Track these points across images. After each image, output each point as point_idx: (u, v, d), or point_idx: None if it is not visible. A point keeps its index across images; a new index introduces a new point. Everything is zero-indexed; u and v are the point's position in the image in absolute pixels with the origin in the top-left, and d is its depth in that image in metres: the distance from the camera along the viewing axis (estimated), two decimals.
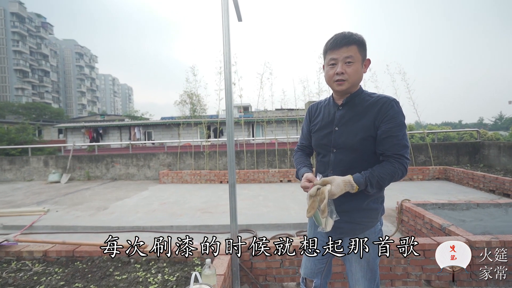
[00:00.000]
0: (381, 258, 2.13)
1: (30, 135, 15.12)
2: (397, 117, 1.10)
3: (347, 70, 1.11)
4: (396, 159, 1.08)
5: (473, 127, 42.04)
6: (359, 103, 1.17)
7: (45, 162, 8.94)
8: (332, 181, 1.06)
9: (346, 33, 1.11)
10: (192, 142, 8.66)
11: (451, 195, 5.14)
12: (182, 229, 3.73)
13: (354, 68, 1.11)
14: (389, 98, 1.13)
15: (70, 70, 75.05)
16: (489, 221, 2.94)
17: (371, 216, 1.21)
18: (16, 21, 54.90)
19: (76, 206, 5.18)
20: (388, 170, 1.08)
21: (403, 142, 1.10)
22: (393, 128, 1.09)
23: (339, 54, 1.11)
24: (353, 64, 1.11)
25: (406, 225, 3.27)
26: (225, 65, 1.98)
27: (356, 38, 1.10)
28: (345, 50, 1.10)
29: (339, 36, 1.11)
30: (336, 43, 1.11)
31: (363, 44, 1.12)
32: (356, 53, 1.10)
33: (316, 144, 1.30)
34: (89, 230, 3.83)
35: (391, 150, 1.09)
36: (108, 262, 2.26)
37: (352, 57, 1.10)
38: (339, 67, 1.11)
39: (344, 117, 1.18)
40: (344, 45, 1.09)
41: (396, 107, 1.11)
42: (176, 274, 2.02)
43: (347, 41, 1.09)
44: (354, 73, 1.12)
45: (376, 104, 1.13)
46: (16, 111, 37.14)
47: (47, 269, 2.19)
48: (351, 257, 1.23)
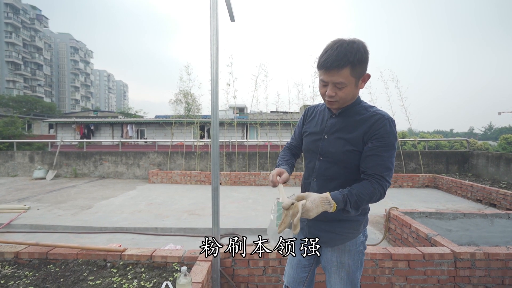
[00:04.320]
0: (365, 268, 2.11)
1: (19, 129, 14.77)
2: (387, 137, 1.03)
3: (338, 93, 1.03)
4: (376, 179, 1.02)
5: (463, 136, 42.89)
6: (353, 115, 1.11)
7: (30, 158, 8.69)
8: (308, 196, 1.00)
9: (339, 53, 0.96)
10: (184, 142, 8.54)
11: (439, 204, 5.16)
12: (167, 231, 3.63)
13: (346, 91, 1.03)
14: (384, 116, 1.05)
15: (64, 64, 73.82)
16: (474, 231, 2.94)
17: (353, 228, 1.16)
18: (10, 12, 53.78)
19: (59, 204, 5.03)
20: (367, 190, 1.01)
21: (387, 164, 1.03)
22: (380, 147, 1.02)
23: (329, 77, 1.00)
24: (345, 87, 1.01)
25: (393, 233, 3.25)
26: (212, 65, 1.92)
27: (350, 60, 0.96)
28: (335, 73, 0.98)
29: (330, 57, 0.97)
30: (326, 65, 0.98)
31: (360, 62, 0.98)
32: (348, 77, 0.99)
33: (305, 148, 1.27)
34: (70, 230, 3.70)
35: (373, 169, 1.03)
36: (83, 265, 2.16)
37: (343, 82, 1.00)
38: (329, 89, 1.03)
39: (335, 126, 1.14)
40: (334, 68, 0.97)
41: (388, 127, 1.03)
42: (153, 280, 1.94)
43: (338, 64, 0.96)
44: (347, 95, 1.04)
45: (369, 120, 1.06)
46: (6, 104, 36.21)
47: (17, 272, 2.08)
48: (330, 268, 1.20)
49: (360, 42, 0.99)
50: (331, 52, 0.98)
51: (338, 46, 0.97)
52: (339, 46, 0.97)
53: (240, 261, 2.16)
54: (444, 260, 2.06)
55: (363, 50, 0.99)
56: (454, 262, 2.07)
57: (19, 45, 55.36)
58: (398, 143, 8.31)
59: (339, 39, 1.01)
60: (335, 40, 1.01)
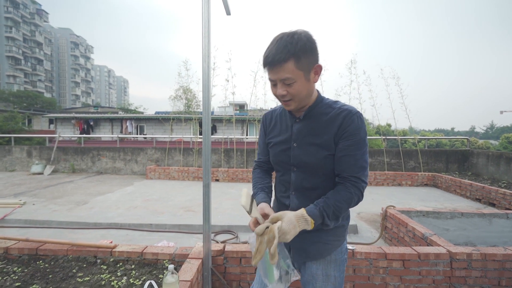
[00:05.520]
0: (359, 267, 2.07)
1: (19, 124, 14.73)
2: (357, 133, 0.95)
3: (289, 91, 0.93)
4: (352, 182, 0.95)
5: (465, 135, 42.75)
6: (319, 116, 1.01)
7: (28, 153, 8.67)
8: (283, 216, 0.89)
9: (279, 47, 0.87)
10: (183, 138, 8.49)
11: (438, 202, 5.12)
12: (162, 228, 3.60)
13: (297, 87, 0.92)
14: (351, 111, 0.97)
15: (65, 59, 73.60)
16: (472, 231, 2.90)
17: (339, 234, 1.06)
18: (10, 7, 53.49)
19: (55, 199, 5.00)
20: (343, 196, 0.94)
21: (361, 163, 0.96)
22: (351, 146, 0.95)
23: (274, 75, 0.92)
24: (294, 83, 0.91)
25: (389, 232, 3.21)
26: (204, 59, 1.87)
27: (291, 52, 0.86)
28: (279, 70, 0.89)
29: (271, 53, 0.89)
30: (268, 61, 0.90)
31: (304, 53, 0.88)
32: (293, 71, 0.89)
33: (273, 160, 1.13)
34: (64, 225, 3.68)
35: (347, 171, 0.96)
36: (73, 262, 2.13)
37: (290, 78, 0.90)
38: (278, 88, 0.94)
39: (302, 132, 1.02)
40: (277, 63, 0.88)
41: (357, 122, 0.95)
42: (142, 278, 1.90)
43: (279, 58, 0.87)
44: (299, 91, 0.93)
45: (337, 118, 0.97)
46: (7, 99, 36.19)
47: (5, 267, 2.05)
48: (315, 282, 1.06)
49: (302, 32, 0.91)
50: (271, 47, 0.90)
51: (278, 40, 0.89)
52: (279, 39, 0.89)
53: (232, 259, 2.13)
54: (439, 260, 2.02)
55: (306, 39, 0.89)
56: (450, 262, 2.03)
57: (19, 39, 55.16)
58: (398, 141, 8.26)
59: (281, 33, 0.93)
60: (276, 35, 0.93)
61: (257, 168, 1.25)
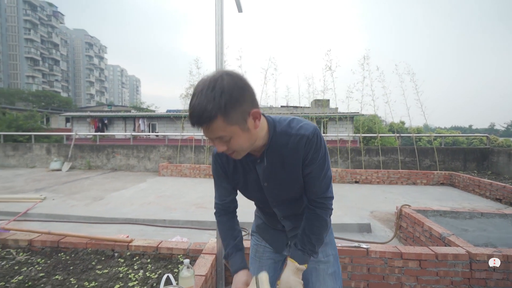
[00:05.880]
0: (374, 266, 2.04)
1: (38, 123, 15.29)
2: (317, 155, 0.90)
3: (229, 146, 0.81)
4: (319, 204, 0.96)
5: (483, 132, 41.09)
6: (279, 149, 0.91)
7: (47, 150, 9.01)
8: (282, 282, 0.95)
9: (200, 106, 0.71)
10: (194, 136, 8.59)
11: (455, 202, 4.97)
12: (174, 224, 3.67)
13: (236, 142, 0.80)
14: (308, 136, 0.88)
15: (80, 59, 75.81)
16: (493, 232, 2.79)
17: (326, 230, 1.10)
18: (28, 9, 55.54)
19: (73, 195, 5.19)
20: (317, 223, 0.97)
21: (325, 182, 0.94)
22: (315, 169, 0.92)
23: (206, 134, 0.78)
24: (231, 139, 0.79)
25: (404, 231, 3.14)
26: (217, 56, 1.88)
27: (215, 108, 0.71)
28: (208, 130, 0.76)
29: (194, 111, 0.73)
30: (193, 122, 0.75)
31: (233, 105, 0.73)
32: (225, 128, 0.75)
33: (249, 198, 1.09)
34: (82, 220, 3.81)
35: (315, 194, 0.96)
36: (92, 255, 2.20)
37: (223, 136, 0.77)
38: (216, 145, 0.82)
39: (267, 170, 0.94)
40: (202, 124, 0.75)
41: (316, 143, 0.88)
42: (158, 272, 1.95)
43: (203, 119, 0.73)
44: (240, 144, 0.81)
45: (298, 147, 0.89)
46: (26, 99, 37.77)
47: (30, 258, 2.15)
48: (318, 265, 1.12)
49: (226, 77, 0.74)
50: (193, 103, 0.74)
51: (198, 93, 0.73)
52: (199, 93, 0.73)
53: (245, 254, 2.14)
54: (458, 261, 1.97)
55: (232, 87, 0.73)
56: (470, 263, 1.97)
57: (37, 41, 57.24)
58: (412, 139, 8.04)
59: (201, 80, 0.76)
60: (197, 84, 0.76)
61: (222, 215, 1.11)
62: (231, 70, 0.78)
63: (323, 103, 8.73)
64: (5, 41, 53.63)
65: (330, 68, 7.58)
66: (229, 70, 0.77)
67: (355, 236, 3.28)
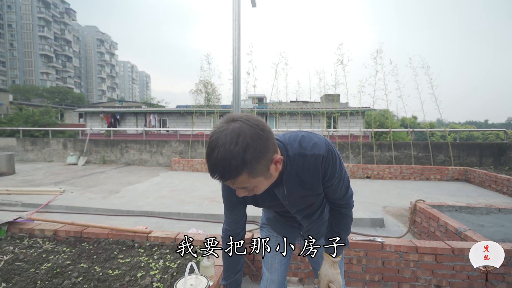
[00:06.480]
0: (389, 259, 2.06)
1: (53, 118, 15.74)
2: (335, 170, 0.92)
3: (251, 192, 0.82)
4: (343, 204, 1.05)
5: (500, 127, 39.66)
6: (296, 171, 0.90)
7: (64, 145, 9.31)
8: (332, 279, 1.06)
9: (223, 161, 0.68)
10: (204, 131, 8.68)
11: (470, 198, 4.87)
12: (189, 217, 3.76)
13: (259, 188, 0.81)
14: (322, 156, 0.88)
15: (92, 56, 77.18)
16: (510, 228, 2.74)
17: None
18: (42, 7, 56.74)
19: (90, 188, 5.37)
20: (343, 221, 1.07)
21: (346, 186, 1.00)
22: (335, 181, 0.96)
23: (228, 184, 0.77)
24: (255, 187, 0.79)
25: (418, 227, 3.12)
26: (234, 51, 1.91)
27: (240, 166, 0.68)
28: (232, 184, 0.75)
29: (214, 171, 0.71)
30: (215, 178, 0.72)
31: (258, 159, 0.71)
32: (250, 180, 0.74)
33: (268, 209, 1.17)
34: (100, 212, 3.95)
35: (337, 199, 1.03)
36: (113, 245, 2.30)
37: (247, 186, 0.77)
38: (237, 192, 0.82)
39: (286, 192, 0.95)
40: (226, 181, 0.73)
41: (332, 160, 0.90)
42: (177, 262, 2.02)
43: (227, 176, 0.71)
44: (263, 188, 0.82)
45: (315, 167, 0.90)
46: (41, 95, 38.97)
47: (56, 247, 2.26)
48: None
49: (247, 132, 0.69)
50: (212, 163, 0.70)
51: (219, 149, 0.68)
52: (221, 149, 0.67)
53: None
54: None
55: (255, 141, 0.69)
56: None
57: (51, 38, 58.52)
58: (426, 134, 7.88)
59: (221, 134, 0.69)
60: (215, 136, 0.70)
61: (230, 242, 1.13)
62: (248, 116, 0.73)
63: (334, 97, 8.63)
64: (20, 38, 55.15)
65: (341, 62, 7.48)
66: (247, 117, 0.73)
67: (368, 231, 3.28)
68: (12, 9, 54.07)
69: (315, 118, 11.14)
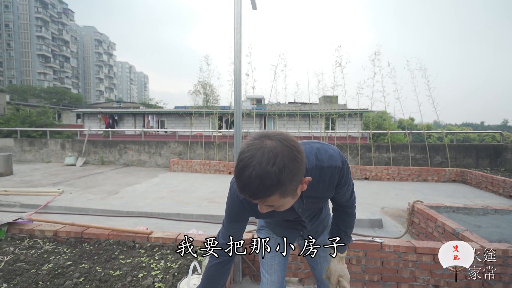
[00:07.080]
0: (388, 260, 2.08)
1: (50, 119, 15.66)
2: (347, 178, 0.99)
3: (277, 209, 0.82)
4: (349, 205, 1.13)
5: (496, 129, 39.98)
6: (313, 183, 0.91)
7: (62, 145, 9.27)
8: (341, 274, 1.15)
9: (260, 178, 0.66)
10: (203, 132, 8.69)
11: (467, 199, 4.92)
12: (189, 218, 3.77)
13: (284, 206, 0.82)
14: (338, 167, 0.92)
15: (89, 56, 76.90)
16: (507, 229, 2.78)
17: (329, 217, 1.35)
18: (39, 7, 56.50)
19: (89, 189, 5.36)
20: (349, 220, 1.16)
21: (352, 190, 1.10)
22: (346, 188, 1.04)
23: (255, 201, 0.75)
24: (281, 206, 0.80)
25: (416, 227, 3.16)
26: (236, 54, 1.93)
27: (274, 185, 0.68)
28: (262, 202, 0.74)
29: (246, 190, 0.69)
30: (246, 196, 0.72)
31: (291, 180, 0.71)
32: (279, 200, 0.74)
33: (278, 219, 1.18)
34: (100, 213, 3.95)
35: (345, 201, 1.12)
36: (114, 245, 2.31)
37: (275, 205, 0.78)
38: (262, 208, 0.80)
39: (303, 202, 0.97)
40: (256, 200, 0.73)
41: (345, 170, 0.95)
42: (178, 262, 2.04)
43: (259, 197, 0.71)
44: (287, 207, 0.83)
45: (332, 179, 0.94)
46: (38, 95, 38.72)
47: (56, 248, 2.27)
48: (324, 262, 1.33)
49: (285, 153, 0.69)
50: (244, 181, 0.68)
51: (254, 167, 0.66)
52: (256, 167, 0.66)
53: None
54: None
55: (291, 162, 0.69)
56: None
57: (48, 38, 58.25)
58: (423, 135, 7.94)
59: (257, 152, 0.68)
60: (248, 153, 0.68)
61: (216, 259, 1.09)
62: (284, 135, 0.73)
63: (332, 99, 8.68)
64: (17, 38, 54.86)
65: (340, 64, 7.53)
66: (283, 137, 0.72)
67: (366, 232, 3.31)
68: (10, 9, 53.81)
69: (314, 119, 11.19)
